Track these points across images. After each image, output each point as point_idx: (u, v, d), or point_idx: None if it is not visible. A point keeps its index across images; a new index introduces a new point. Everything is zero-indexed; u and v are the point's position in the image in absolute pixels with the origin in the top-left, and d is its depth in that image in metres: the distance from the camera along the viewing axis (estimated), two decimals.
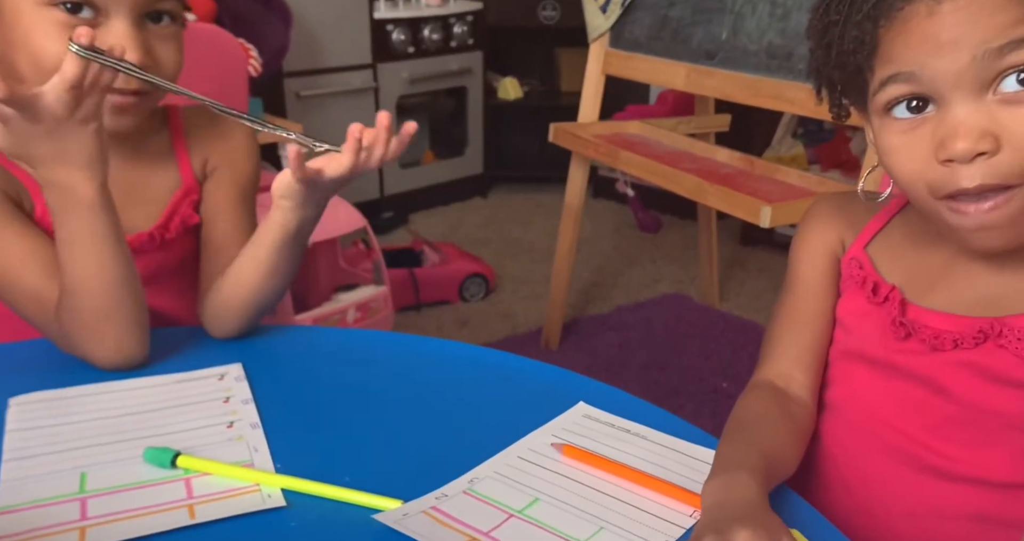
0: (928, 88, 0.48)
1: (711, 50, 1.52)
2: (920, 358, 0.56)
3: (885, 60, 0.49)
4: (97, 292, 0.62)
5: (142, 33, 0.63)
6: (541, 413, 0.62)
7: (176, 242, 0.74)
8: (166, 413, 0.61)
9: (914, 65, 0.48)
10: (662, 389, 1.77)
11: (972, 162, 0.47)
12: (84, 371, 0.65)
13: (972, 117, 0.47)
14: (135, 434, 0.58)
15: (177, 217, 0.73)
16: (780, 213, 1.27)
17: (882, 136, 0.52)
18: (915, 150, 0.49)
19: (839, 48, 0.51)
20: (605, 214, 2.82)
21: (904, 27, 0.47)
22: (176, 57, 0.66)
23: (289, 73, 2.28)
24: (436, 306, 2.14)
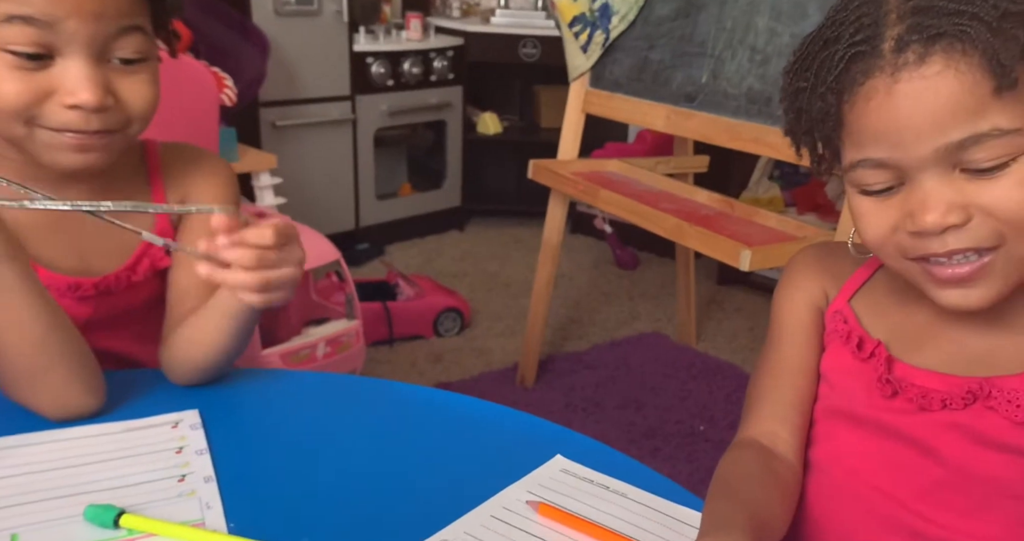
0: (895, 171, 0.48)
1: (691, 93, 1.53)
2: (907, 418, 0.54)
3: (851, 137, 0.49)
4: (25, 349, 0.58)
5: (99, 72, 0.59)
6: (517, 465, 0.59)
7: (144, 285, 0.71)
8: (112, 465, 0.56)
9: (880, 153, 0.48)
10: (639, 430, 1.74)
11: (942, 233, 0.47)
12: (27, 417, 0.61)
13: (939, 192, 0.47)
14: (77, 489, 0.54)
15: (147, 259, 0.70)
16: (760, 256, 1.26)
17: (853, 201, 0.52)
18: (883, 217, 0.49)
19: (808, 116, 0.51)
20: (583, 250, 2.81)
21: (866, 107, 0.47)
22: (145, 93, 0.62)
23: (265, 103, 2.26)
24: (410, 341, 2.10)
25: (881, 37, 0.46)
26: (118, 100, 0.61)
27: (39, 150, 0.61)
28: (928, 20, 0.45)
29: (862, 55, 0.47)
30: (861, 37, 0.47)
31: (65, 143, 0.60)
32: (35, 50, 0.57)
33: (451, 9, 2.96)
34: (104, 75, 0.59)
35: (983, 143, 0.45)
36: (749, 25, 1.42)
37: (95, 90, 0.58)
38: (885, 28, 0.46)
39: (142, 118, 0.63)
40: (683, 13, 1.54)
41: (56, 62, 0.58)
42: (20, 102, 0.58)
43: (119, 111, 0.61)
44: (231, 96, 1.62)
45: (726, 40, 1.46)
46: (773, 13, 1.37)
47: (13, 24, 0.55)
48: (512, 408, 0.67)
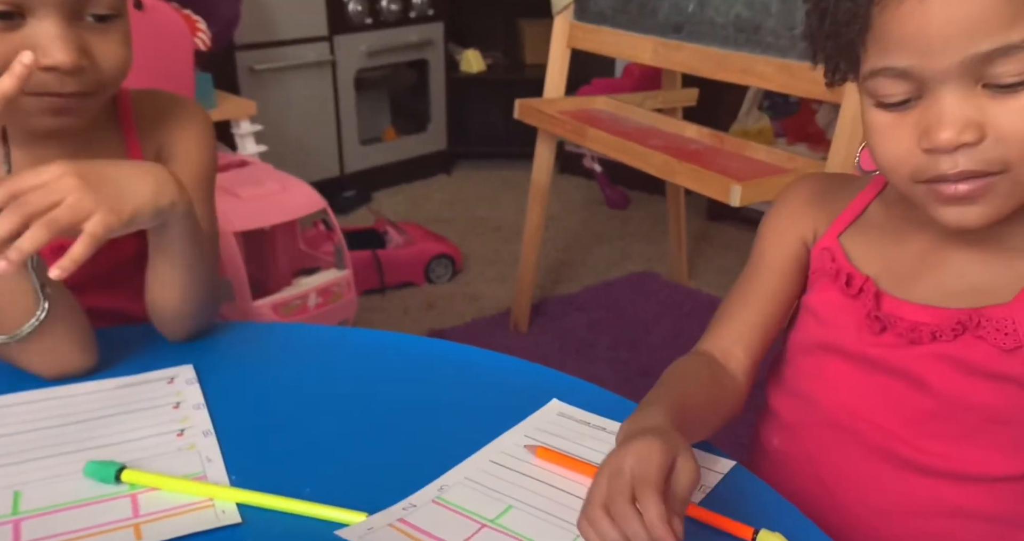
0: (916, 81, 0.47)
1: (678, 23, 1.49)
2: (897, 351, 0.54)
3: (876, 42, 0.47)
4: (13, 314, 0.57)
5: (73, 32, 0.57)
6: (513, 411, 0.60)
7: (128, 240, 0.69)
8: (110, 421, 0.56)
9: (904, 61, 0.46)
10: (632, 370, 1.76)
11: (955, 151, 0.46)
12: (23, 377, 0.60)
13: (957, 107, 0.46)
14: (75, 446, 0.54)
15: None
16: (750, 191, 1.25)
17: (868, 115, 0.50)
18: (899, 135, 0.48)
19: (832, 19, 0.49)
20: (572, 190, 2.79)
21: (898, 10, 0.45)
22: (119, 52, 0.60)
23: (241, 46, 2.18)
24: (401, 289, 2.10)
25: None
26: (92, 61, 0.59)
27: (16, 114, 0.59)
28: None
29: None
30: None
31: (42, 107, 0.58)
32: (6, 8, 0.54)
33: None
34: (78, 35, 0.57)
35: (1012, 55, 0.44)
36: None
37: (69, 51, 0.56)
38: None
39: (115, 79, 0.61)
40: None
41: (28, 22, 0.56)
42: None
43: (93, 72, 0.59)
44: (205, 40, 1.56)
45: None
46: None
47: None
48: (507, 354, 0.68)
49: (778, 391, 0.64)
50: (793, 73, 1.30)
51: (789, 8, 1.30)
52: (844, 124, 1.22)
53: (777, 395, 0.64)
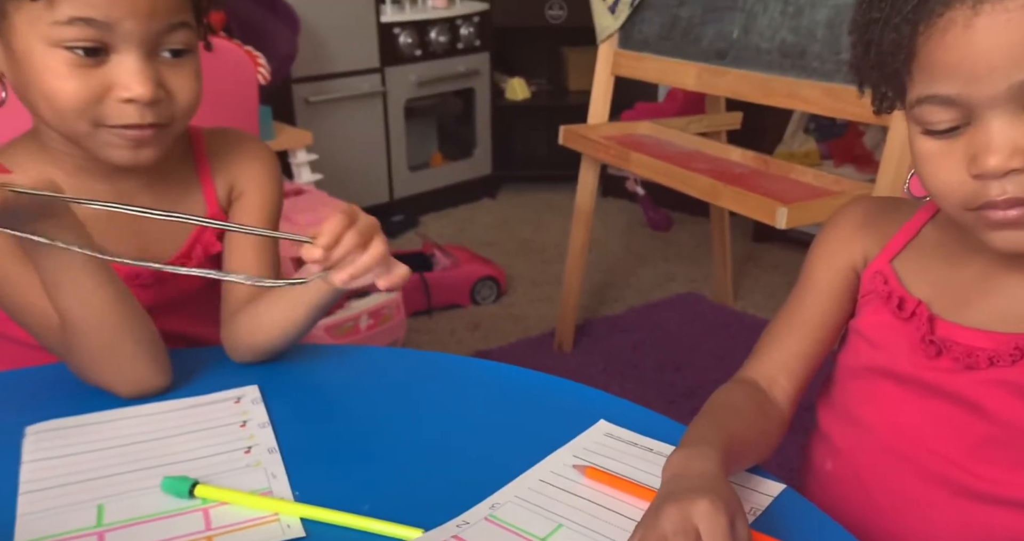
0: (963, 108, 0.47)
1: (722, 49, 1.51)
2: (953, 376, 0.54)
3: (922, 71, 0.48)
4: (94, 325, 0.61)
5: (151, 66, 0.62)
6: (561, 431, 0.61)
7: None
8: (183, 439, 0.60)
9: (951, 89, 0.47)
10: (678, 391, 1.75)
11: (1004, 177, 0.46)
12: (100, 397, 0.64)
13: (1006, 133, 0.46)
14: (152, 462, 0.57)
15: (199, 246, 0.73)
16: (796, 214, 1.25)
17: (916, 143, 0.51)
18: (948, 163, 0.49)
19: (878, 48, 0.50)
20: (615, 213, 2.80)
21: (943, 39, 0.46)
22: (192, 86, 0.65)
23: (298, 79, 2.28)
24: (448, 310, 2.13)
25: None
26: (167, 93, 0.63)
27: (98, 147, 0.64)
28: None
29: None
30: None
31: (122, 139, 0.62)
32: (94, 45, 0.59)
33: None
34: (156, 69, 0.62)
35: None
36: None
37: (148, 84, 0.61)
38: None
39: (188, 111, 0.65)
40: None
41: (111, 58, 0.60)
42: (80, 99, 0.60)
43: (168, 105, 0.63)
44: (265, 75, 1.64)
45: None
46: None
47: (74, 25, 0.58)
48: (552, 374, 0.69)
49: (829, 414, 0.64)
50: (839, 97, 1.30)
51: (835, 33, 1.30)
52: (893, 146, 1.21)
53: (828, 418, 0.64)
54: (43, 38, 0.59)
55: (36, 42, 0.59)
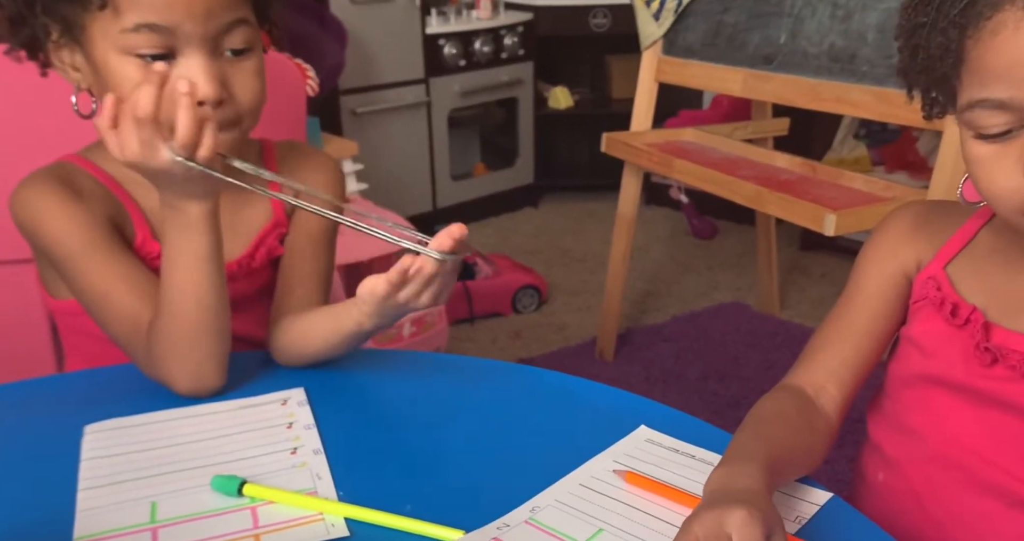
0: (1017, 111, 0.46)
1: (769, 54, 1.49)
2: (1010, 385, 0.53)
3: (972, 75, 0.47)
4: (191, 312, 0.63)
5: (216, 65, 0.63)
6: (602, 437, 0.61)
7: (260, 272, 0.76)
8: (232, 439, 0.62)
9: (1003, 92, 0.45)
10: (722, 401, 1.72)
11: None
12: (155, 397, 0.67)
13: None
14: (203, 461, 0.59)
15: (263, 248, 0.75)
16: (845, 221, 1.23)
17: (968, 147, 0.49)
18: (1003, 167, 0.47)
19: (925, 53, 0.49)
20: (658, 221, 2.78)
21: (992, 42, 0.45)
22: (255, 86, 0.66)
23: (345, 91, 2.32)
24: (489, 318, 2.14)
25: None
26: (230, 93, 0.65)
27: None
28: None
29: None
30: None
31: None
32: (161, 51, 0.62)
33: None
34: (220, 69, 0.64)
35: None
36: None
37: (213, 83, 0.63)
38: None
39: (253, 110, 0.67)
40: None
41: (178, 62, 0.63)
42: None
43: (232, 104, 0.65)
44: (314, 86, 1.68)
45: None
46: None
47: (140, 32, 0.61)
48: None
49: (881, 425, 0.62)
50: (891, 101, 1.27)
51: (886, 37, 1.27)
52: (947, 152, 1.18)
53: (880, 429, 0.62)
54: (116, 47, 0.62)
55: (111, 52, 0.62)
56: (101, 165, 0.71)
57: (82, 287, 0.67)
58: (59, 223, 0.66)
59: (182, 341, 0.64)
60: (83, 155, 0.72)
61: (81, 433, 0.62)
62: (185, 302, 0.63)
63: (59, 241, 0.66)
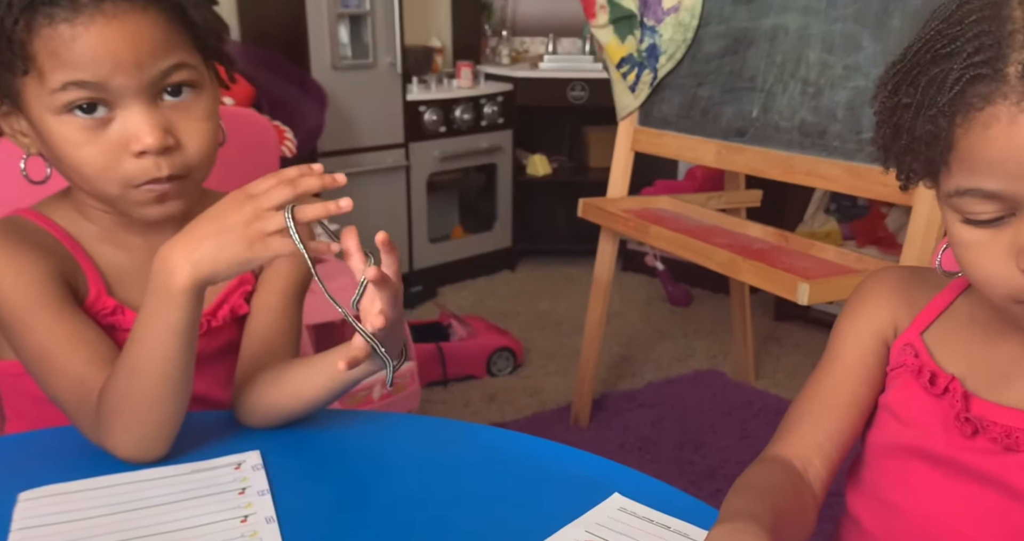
0: (1008, 201, 0.45)
1: (742, 127, 1.53)
2: (991, 458, 0.51)
3: (962, 163, 0.45)
4: (153, 380, 0.60)
5: (157, 113, 0.61)
6: (574, 504, 0.58)
7: (221, 330, 0.73)
8: (178, 507, 0.58)
9: (996, 185, 0.44)
10: (698, 471, 1.69)
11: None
12: (98, 461, 0.63)
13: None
14: (145, 531, 0.55)
15: (227, 306, 0.73)
16: (819, 290, 1.23)
17: (956, 230, 0.48)
18: (992, 253, 0.46)
19: (910, 135, 0.48)
20: (635, 287, 2.79)
21: (985, 134, 0.43)
22: (204, 130, 0.64)
23: (324, 153, 2.35)
24: (463, 381, 2.10)
25: (1005, 59, 0.42)
26: (179, 142, 0.63)
27: (128, 207, 0.65)
28: None
29: (982, 78, 0.43)
30: (981, 58, 0.43)
31: (148, 197, 0.63)
32: (91, 101, 0.60)
33: (500, 56, 3.04)
34: (161, 116, 0.62)
35: None
36: (800, 58, 1.41)
37: (155, 132, 0.61)
38: (1011, 50, 0.42)
39: (203, 155, 0.64)
40: (731, 50, 1.55)
41: (117, 115, 0.61)
42: (100, 163, 0.61)
43: (181, 152, 0.63)
44: (291, 147, 1.69)
45: (776, 74, 1.46)
46: (825, 46, 1.37)
47: (68, 90, 0.59)
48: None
49: (859, 497, 0.60)
50: (861, 176, 1.30)
51: (855, 114, 1.32)
52: (917, 228, 1.20)
53: (858, 500, 0.60)
54: (49, 109, 0.60)
55: (46, 114, 0.61)
56: (55, 219, 0.69)
57: (27, 345, 0.63)
58: (7, 277, 0.63)
59: (137, 406, 0.60)
60: (37, 209, 0.70)
61: (14, 501, 0.58)
62: (148, 369, 0.60)
63: (5, 296, 0.63)
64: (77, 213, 0.69)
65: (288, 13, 2.25)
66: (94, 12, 0.58)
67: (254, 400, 0.68)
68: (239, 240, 0.56)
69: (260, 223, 0.56)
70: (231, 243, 0.56)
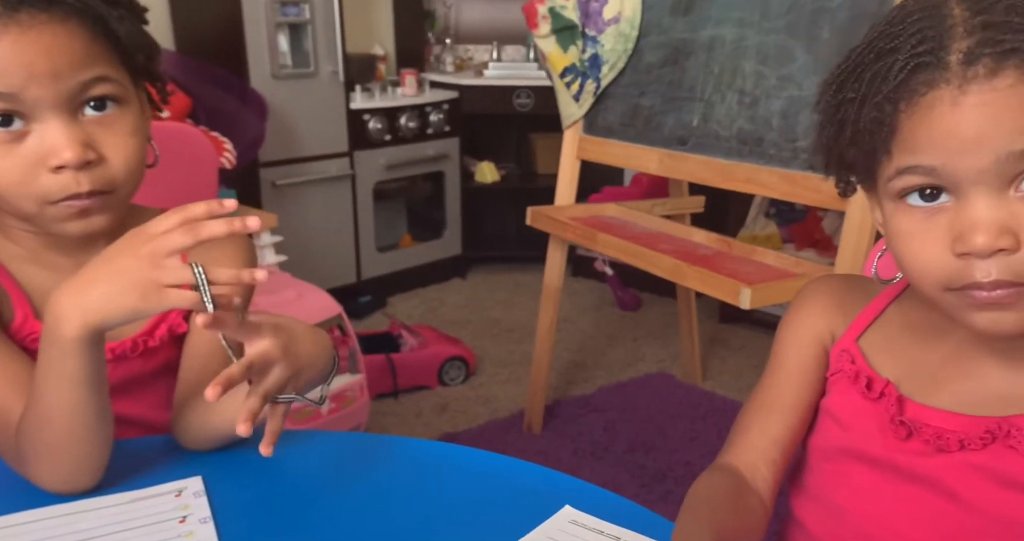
0: (946, 181, 0.47)
1: (683, 136, 1.56)
2: (925, 459, 0.53)
3: (905, 147, 0.47)
4: (60, 426, 0.57)
5: (77, 127, 0.59)
6: (525, 518, 0.58)
7: (160, 350, 0.70)
8: (114, 539, 0.56)
9: (936, 160, 0.46)
10: (648, 474, 1.71)
11: (990, 257, 0.46)
12: (26, 493, 0.60)
13: (992, 213, 0.45)
14: None
15: (164, 325, 0.70)
16: (760, 294, 1.27)
17: (894, 221, 0.50)
18: (928, 240, 0.48)
19: (855, 127, 0.49)
20: (585, 293, 2.82)
21: (927, 116, 0.45)
22: (127, 145, 0.61)
23: (265, 163, 2.30)
24: (415, 391, 2.09)
25: (946, 49, 0.45)
26: (101, 156, 0.60)
27: (48, 224, 0.62)
28: (1000, 35, 0.44)
29: (925, 66, 0.45)
30: (924, 48, 0.45)
31: (68, 212, 0.61)
32: (9, 114, 0.57)
33: (445, 64, 3.04)
34: (82, 131, 0.59)
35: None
36: (736, 69, 1.45)
37: (73, 146, 0.58)
38: (951, 41, 0.45)
39: (128, 171, 0.62)
40: (671, 60, 1.58)
41: (33, 128, 0.59)
42: (15, 178, 0.58)
43: (104, 167, 0.61)
44: (231, 158, 1.65)
45: (715, 84, 1.49)
46: (759, 57, 1.41)
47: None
48: (519, 458, 0.67)
49: (802, 499, 0.62)
50: (796, 182, 1.34)
51: (789, 123, 1.36)
52: (850, 231, 1.24)
53: (801, 503, 0.62)
54: None
55: None
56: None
57: None
58: None
59: (54, 447, 0.58)
60: None
61: None
62: (56, 417, 0.57)
63: None
64: (1, 235, 0.66)
65: (224, 22, 2.20)
66: (7, 22, 0.56)
67: (192, 423, 0.66)
68: (132, 288, 0.52)
69: (156, 273, 0.52)
70: (123, 291, 0.52)
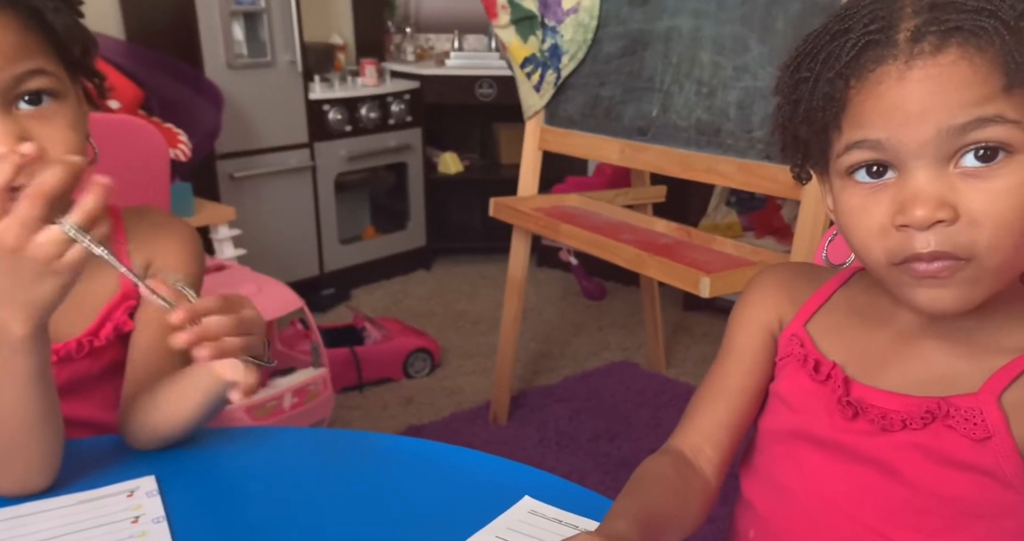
0: (891, 156, 0.49)
1: (643, 126, 1.57)
2: (870, 439, 0.55)
3: (853, 122, 0.49)
4: (10, 428, 0.56)
5: (11, 121, 0.56)
6: (485, 510, 0.59)
7: (106, 349, 0.69)
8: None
9: (881, 133, 0.48)
10: (613, 461, 1.73)
11: (928, 229, 0.48)
12: None
13: (932, 185, 0.47)
14: None
15: (110, 324, 0.69)
16: (719, 283, 1.29)
17: (842, 198, 0.52)
18: (873, 213, 0.50)
19: (808, 104, 0.51)
20: (550, 283, 2.83)
21: (875, 90, 0.48)
22: (65, 138, 0.59)
23: (222, 155, 2.25)
24: (380, 384, 2.08)
25: (896, 29, 0.47)
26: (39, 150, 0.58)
27: None
28: (946, 15, 0.46)
29: (875, 44, 0.47)
30: (875, 27, 0.48)
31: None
32: None
33: (405, 54, 3.00)
34: (17, 125, 0.57)
35: (985, 127, 0.46)
36: (694, 60, 1.46)
37: (6, 139, 0.56)
38: (900, 21, 0.47)
39: None
40: (630, 50, 1.59)
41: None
42: None
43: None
44: (185, 151, 1.61)
45: (673, 75, 1.50)
46: (716, 48, 1.42)
47: None
48: (484, 450, 0.68)
49: (752, 481, 0.63)
50: (753, 172, 1.36)
51: (746, 113, 1.38)
52: (806, 218, 1.27)
53: (751, 485, 0.63)
54: None
55: None
56: None
57: None
58: None
59: (2, 450, 0.57)
60: None
61: None
62: (5, 419, 0.56)
63: None
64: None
65: (176, 10, 2.14)
66: None
67: (138, 421, 0.65)
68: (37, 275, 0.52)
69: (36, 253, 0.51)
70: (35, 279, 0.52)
